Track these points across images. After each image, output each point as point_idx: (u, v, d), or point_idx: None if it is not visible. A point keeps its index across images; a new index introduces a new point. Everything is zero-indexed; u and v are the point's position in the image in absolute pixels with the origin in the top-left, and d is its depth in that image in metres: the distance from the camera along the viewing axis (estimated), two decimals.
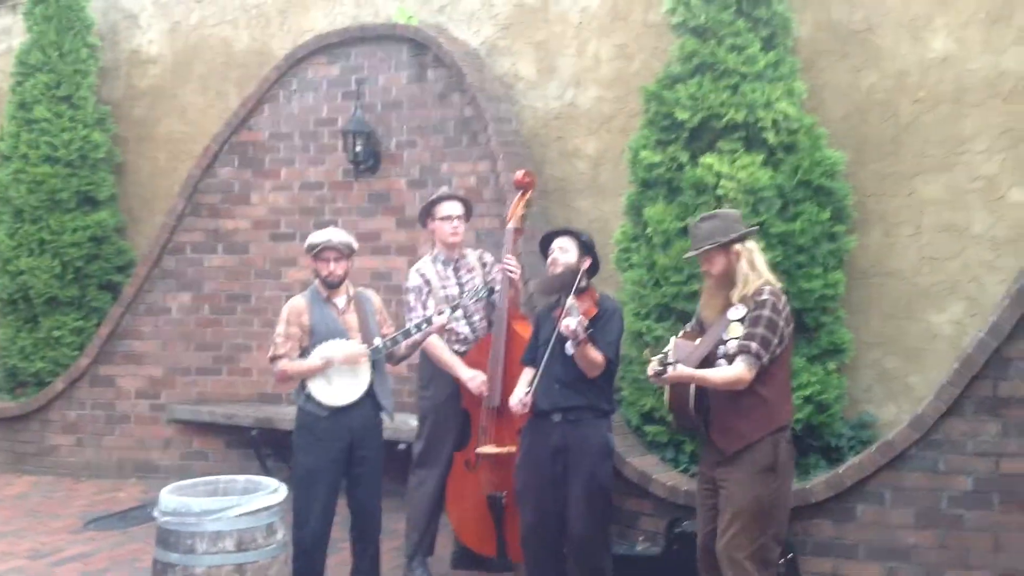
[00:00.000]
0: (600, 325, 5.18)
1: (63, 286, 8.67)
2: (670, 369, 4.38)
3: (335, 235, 5.46)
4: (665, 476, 5.85)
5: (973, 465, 5.20)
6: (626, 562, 5.73)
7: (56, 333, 8.67)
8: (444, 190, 6.27)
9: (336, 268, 5.42)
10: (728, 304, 4.70)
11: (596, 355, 5.10)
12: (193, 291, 8.36)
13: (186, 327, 8.37)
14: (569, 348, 5.12)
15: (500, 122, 7.29)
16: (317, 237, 5.46)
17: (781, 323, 4.59)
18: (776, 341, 4.57)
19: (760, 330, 4.54)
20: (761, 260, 4.75)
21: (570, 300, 5.02)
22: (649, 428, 6.09)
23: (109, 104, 9.13)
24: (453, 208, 6.04)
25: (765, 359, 4.54)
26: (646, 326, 5.96)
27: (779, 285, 4.78)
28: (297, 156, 8.16)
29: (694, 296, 5.79)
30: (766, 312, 4.57)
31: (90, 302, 8.81)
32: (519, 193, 6.07)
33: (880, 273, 6.10)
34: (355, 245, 5.55)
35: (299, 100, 8.14)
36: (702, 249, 4.70)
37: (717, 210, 5.19)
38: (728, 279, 4.71)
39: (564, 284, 5.17)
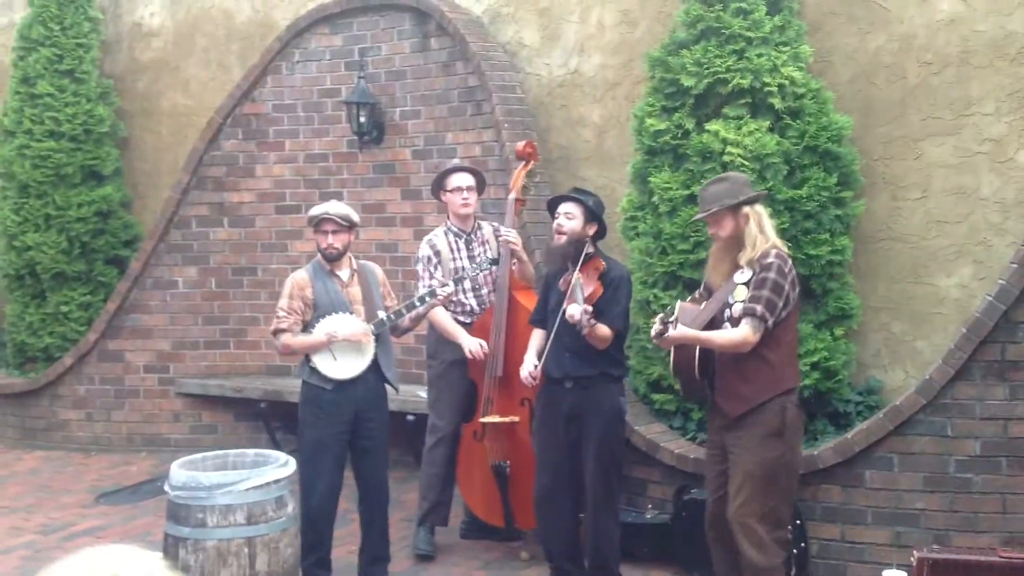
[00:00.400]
0: (606, 296, 5.18)
1: (70, 261, 8.68)
2: (671, 329, 4.36)
3: (333, 207, 5.43)
4: (673, 444, 5.86)
5: (981, 429, 5.20)
6: (635, 530, 5.75)
7: (64, 308, 8.69)
8: (455, 162, 6.26)
9: (335, 241, 5.39)
10: (735, 268, 4.68)
11: (604, 332, 5.10)
12: (200, 265, 8.37)
13: (193, 301, 8.38)
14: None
15: (504, 91, 7.25)
16: (316, 209, 5.45)
17: (787, 286, 4.58)
18: (781, 304, 4.56)
19: (765, 293, 4.53)
20: (769, 224, 4.73)
21: (575, 278, 5.01)
22: (657, 396, 6.09)
23: (112, 78, 9.11)
24: (463, 179, 6.04)
25: (770, 322, 4.54)
26: (653, 294, 5.95)
27: (786, 249, 4.76)
28: (301, 128, 8.13)
29: (701, 264, 5.77)
30: (772, 275, 4.55)
31: (97, 277, 8.83)
32: (521, 163, 6.06)
33: (887, 237, 6.07)
34: (355, 217, 5.52)
35: (302, 71, 8.10)
36: (710, 211, 4.67)
37: (727, 173, 5.16)
38: (736, 242, 4.69)
39: (568, 256, 5.17)
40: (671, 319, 4.37)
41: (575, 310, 4.91)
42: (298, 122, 8.13)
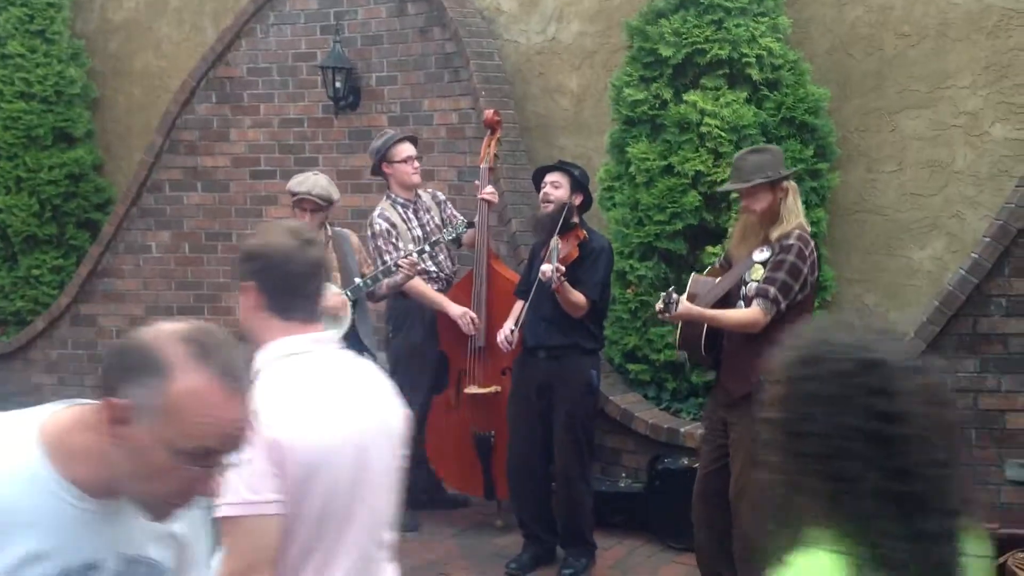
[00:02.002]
0: (585, 266, 5.19)
1: (41, 224, 8.59)
2: (673, 308, 4.26)
3: (316, 186, 5.38)
4: (647, 414, 5.90)
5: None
6: (609, 498, 5.80)
7: (35, 272, 8.61)
8: (392, 133, 6.18)
9: (311, 220, 5.36)
10: (763, 242, 4.51)
11: (577, 297, 5.11)
12: (173, 229, 8.29)
13: (167, 266, 8.32)
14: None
15: (482, 57, 7.20)
16: (299, 185, 5.39)
17: (805, 270, 4.41)
18: (797, 288, 4.40)
19: (781, 275, 4.38)
20: (800, 201, 4.56)
21: (553, 241, 5.02)
22: (632, 366, 6.12)
23: (83, 38, 8.97)
24: (410, 148, 6.00)
25: (783, 305, 4.38)
26: (629, 265, 5.96)
27: (810, 229, 4.62)
28: (276, 92, 8.05)
29: (677, 235, 5.80)
30: (790, 257, 4.39)
31: (69, 240, 8.75)
32: (488, 132, 6.03)
33: (862, 210, 6.10)
34: (336, 195, 5.49)
35: (276, 34, 8.01)
36: (752, 183, 4.44)
37: (765, 144, 5.03)
38: (768, 217, 4.49)
39: (552, 222, 5.17)
40: (674, 298, 4.27)
41: (546, 268, 4.95)
42: (273, 86, 8.05)
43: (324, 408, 2.31)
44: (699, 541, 4.87)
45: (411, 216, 6.02)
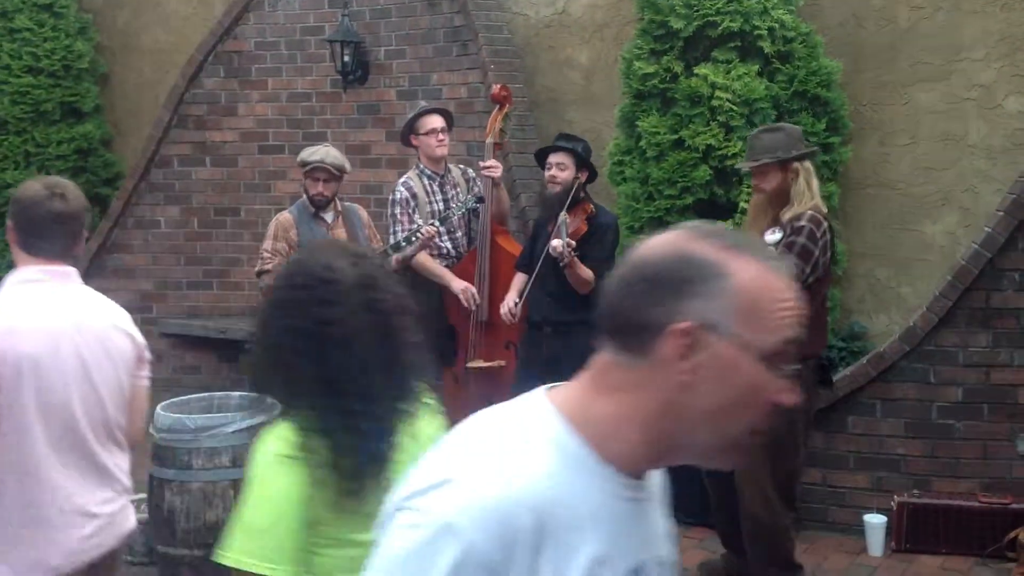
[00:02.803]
0: (592, 242, 5.17)
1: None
2: None
3: (328, 155, 5.37)
4: None
5: (964, 376, 5.24)
6: None
7: None
8: (423, 104, 6.17)
9: (325, 189, 5.36)
10: (775, 223, 4.49)
11: (586, 273, 5.09)
12: (182, 205, 8.29)
13: (176, 241, 8.31)
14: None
15: (491, 31, 7.15)
16: (311, 155, 5.37)
17: (816, 252, 4.38)
18: (808, 270, 4.36)
19: (792, 258, 4.32)
20: (816, 182, 4.51)
21: (562, 216, 5.01)
22: None
23: (91, 12, 8.94)
24: (436, 121, 5.97)
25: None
26: (639, 240, 5.92)
27: (825, 210, 4.58)
28: (284, 66, 8.02)
29: (688, 210, 5.76)
30: (801, 239, 4.36)
31: None
32: (496, 107, 6.00)
33: (874, 183, 6.06)
34: (348, 167, 5.50)
35: (284, 8, 7.97)
36: (760, 162, 4.46)
37: (781, 123, 5.00)
38: (780, 197, 4.48)
39: (560, 202, 5.16)
40: None
41: (557, 244, 4.94)
42: (281, 60, 8.02)
43: (37, 324, 2.86)
44: (718, 520, 4.95)
45: (436, 189, 6.00)
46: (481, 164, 5.91)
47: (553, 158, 5.32)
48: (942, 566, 5.06)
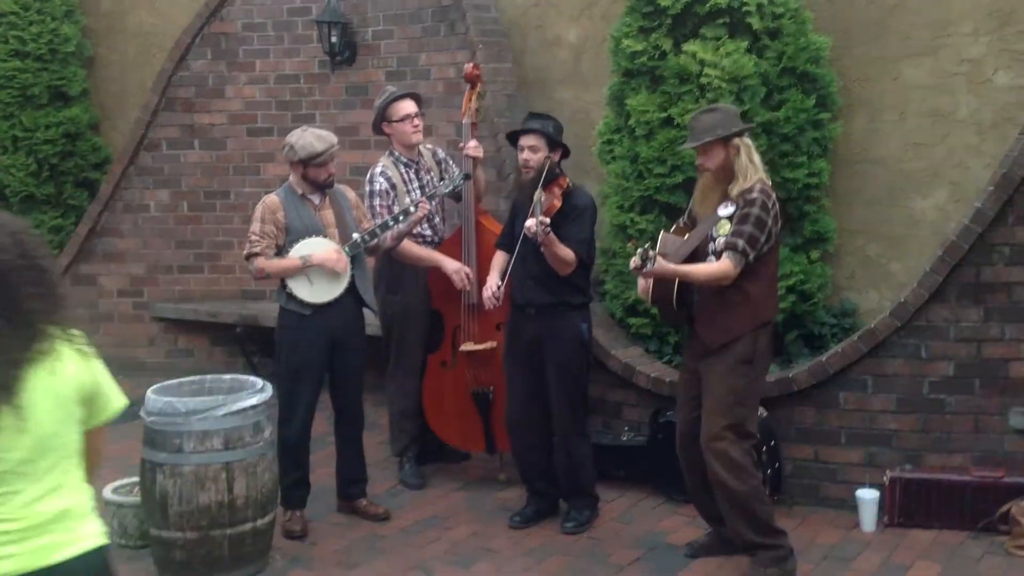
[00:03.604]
0: (568, 221, 5.15)
1: (39, 184, 8.55)
2: (649, 264, 4.35)
3: (330, 136, 5.31)
4: (649, 368, 5.89)
5: (955, 351, 5.25)
6: (611, 452, 5.80)
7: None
8: (391, 89, 6.11)
9: (332, 169, 5.35)
10: (723, 199, 4.67)
11: (564, 252, 5.08)
12: (171, 188, 8.26)
13: (165, 224, 8.29)
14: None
15: (479, 10, 7.13)
16: (318, 143, 5.24)
17: (769, 221, 4.57)
18: (763, 239, 4.56)
19: (748, 228, 4.52)
20: (757, 156, 4.71)
21: (536, 194, 5.00)
22: (633, 320, 6.10)
23: None
24: (409, 106, 5.93)
25: (751, 256, 4.53)
26: (629, 219, 5.92)
27: (770, 182, 4.75)
28: (271, 48, 7.98)
29: (677, 188, 5.76)
30: (755, 210, 4.54)
31: (67, 200, 8.70)
32: (468, 87, 5.96)
33: (864, 160, 6.06)
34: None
35: None
36: (703, 141, 4.63)
37: (717, 104, 5.13)
38: (725, 174, 4.66)
39: (533, 184, 5.14)
40: (651, 255, 4.36)
41: (531, 223, 4.92)
42: (268, 42, 7.99)
43: None
44: (692, 490, 5.02)
45: (412, 176, 5.97)
46: (462, 145, 5.88)
47: (524, 140, 5.26)
48: (935, 540, 5.08)
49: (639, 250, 4.38)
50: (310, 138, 5.27)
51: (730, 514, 4.73)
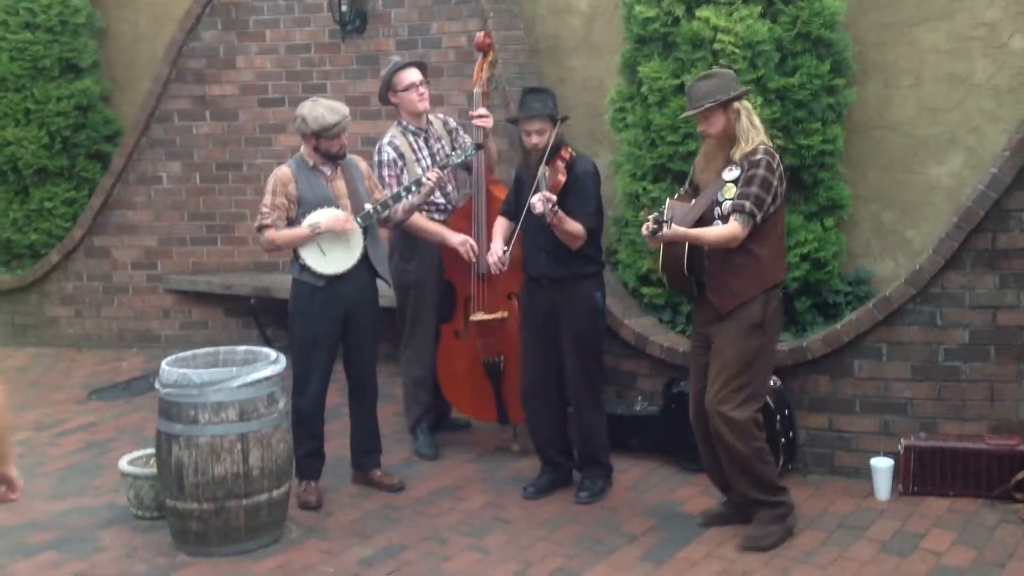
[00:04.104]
0: (573, 193, 5.13)
1: (51, 156, 8.55)
2: (664, 228, 4.38)
3: (341, 107, 5.29)
4: (662, 337, 5.87)
5: (970, 318, 5.22)
6: (625, 421, 5.81)
7: (48, 204, 8.60)
8: (396, 59, 6.08)
9: (344, 140, 5.34)
10: (727, 164, 4.69)
11: (573, 227, 5.07)
12: (183, 160, 8.25)
13: (178, 196, 8.29)
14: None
15: None
16: (329, 115, 5.21)
17: (775, 182, 4.60)
18: (770, 200, 4.59)
19: (754, 189, 4.56)
20: (757, 119, 4.75)
21: (540, 169, 4.99)
22: (646, 290, 6.08)
23: None
24: (414, 75, 5.91)
25: (759, 217, 4.57)
26: (642, 187, 5.88)
27: (771, 143, 4.78)
28: (282, 17, 7.94)
29: (691, 156, 5.70)
30: (760, 171, 4.57)
31: (80, 172, 8.71)
32: (480, 55, 5.93)
33: (879, 126, 6.00)
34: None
35: None
36: (702, 107, 4.65)
37: (714, 69, 5.10)
38: (727, 139, 4.69)
39: (539, 162, 5.12)
40: (665, 219, 4.38)
41: (537, 203, 4.91)
42: (278, 11, 7.95)
43: None
44: (705, 458, 5.03)
45: (421, 144, 5.96)
46: (472, 113, 5.85)
47: (529, 126, 5.21)
48: (950, 508, 5.07)
49: (652, 215, 4.40)
50: (321, 110, 5.25)
51: (733, 473, 4.80)
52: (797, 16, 5.68)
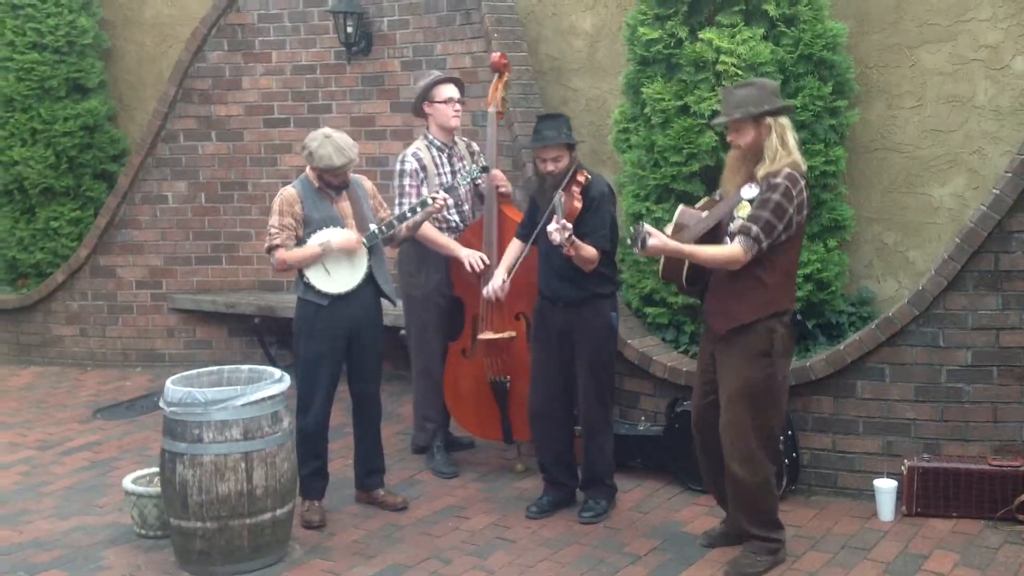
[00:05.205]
0: (588, 215, 5.14)
1: (58, 176, 8.60)
2: (650, 240, 4.29)
3: (351, 150, 5.22)
4: (665, 357, 5.88)
5: (973, 339, 5.22)
6: (628, 442, 5.80)
7: (53, 224, 8.64)
8: (437, 73, 6.13)
9: (348, 175, 5.35)
10: (750, 178, 4.54)
11: (588, 252, 5.07)
12: (189, 179, 8.30)
13: (183, 216, 8.33)
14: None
15: None
16: (337, 157, 5.17)
17: (791, 210, 4.42)
18: (781, 228, 4.43)
19: (766, 214, 4.41)
20: (792, 138, 4.53)
21: (556, 196, 4.96)
22: (649, 310, 6.09)
23: None
24: (453, 90, 5.95)
25: (765, 244, 4.42)
26: (645, 207, 5.91)
27: (805, 167, 4.61)
28: (287, 38, 8.00)
29: (694, 177, 5.74)
30: (776, 196, 4.40)
31: (85, 192, 8.75)
32: (496, 76, 5.97)
33: (881, 147, 6.03)
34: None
35: None
36: (731, 118, 4.51)
37: (755, 78, 5.04)
38: (755, 153, 4.52)
39: (555, 186, 5.13)
40: (641, 233, 4.30)
41: (555, 235, 4.90)
42: (284, 32, 8.00)
43: None
44: (706, 472, 5.01)
45: (444, 161, 5.99)
46: (492, 176, 5.82)
47: (546, 154, 5.19)
48: (953, 529, 5.06)
49: (631, 227, 4.34)
50: (330, 149, 5.21)
51: (734, 500, 4.76)
52: (799, 38, 5.71)
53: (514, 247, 5.50)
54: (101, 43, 8.84)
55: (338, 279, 5.35)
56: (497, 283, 5.41)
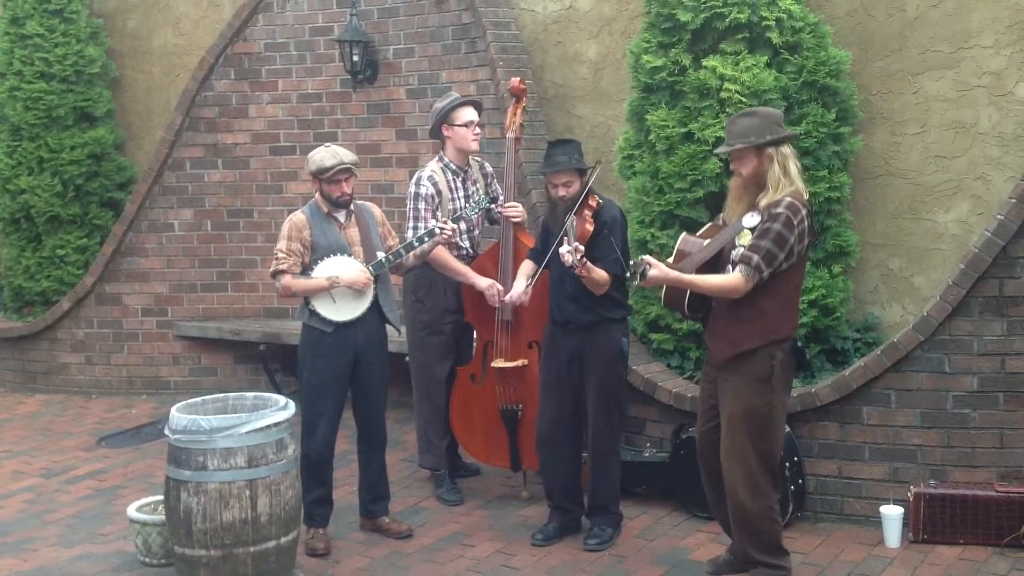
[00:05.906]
0: (600, 241, 5.15)
1: (64, 204, 8.64)
2: (649, 271, 4.32)
3: (345, 155, 5.34)
4: (671, 383, 5.88)
5: (979, 365, 5.21)
6: (633, 468, 5.79)
7: (60, 252, 8.67)
8: (456, 96, 6.11)
9: (348, 187, 5.37)
10: (753, 207, 4.55)
11: (599, 275, 5.07)
12: (195, 207, 8.33)
13: (189, 243, 8.36)
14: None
15: (499, 27, 7.16)
16: (329, 159, 5.30)
17: (792, 239, 4.43)
18: (782, 257, 4.44)
19: (766, 243, 4.41)
20: (795, 167, 4.54)
21: (568, 219, 4.98)
22: (655, 336, 6.09)
23: (101, 17, 8.99)
24: (473, 114, 5.95)
25: (765, 273, 4.43)
26: (650, 234, 5.92)
27: (807, 195, 4.62)
28: (294, 67, 8.05)
29: (698, 203, 5.76)
30: (777, 226, 4.41)
31: (92, 220, 8.79)
32: (513, 101, 5.99)
33: (885, 173, 6.04)
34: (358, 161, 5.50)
35: (293, 9, 8.00)
36: (733, 148, 4.54)
37: (759, 107, 5.06)
38: (757, 182, 4.54)
39: (567, 210, 5.15)
40: (640, 268, 4.32)
41: (567, 256, 4.91)
42: (291, 61, 8.05)
43: None
44: (710, 498, 4.98)
45: (459, 185, 5.98)
46: (503, 209, 5.85)
47: (557, 179, 5.23)
48: (960, 556, 5.04)
49: (630, 263, 4.35)
50: (323, 153, 5.34)
51: (738, 527, 4.73)
52: (803, 65, 5.74)
53: (527, 265, 5.52)
54: (109, 72, 8.89)
55: (343, 307, 5.35)
56: (520, 287, 5.40)
